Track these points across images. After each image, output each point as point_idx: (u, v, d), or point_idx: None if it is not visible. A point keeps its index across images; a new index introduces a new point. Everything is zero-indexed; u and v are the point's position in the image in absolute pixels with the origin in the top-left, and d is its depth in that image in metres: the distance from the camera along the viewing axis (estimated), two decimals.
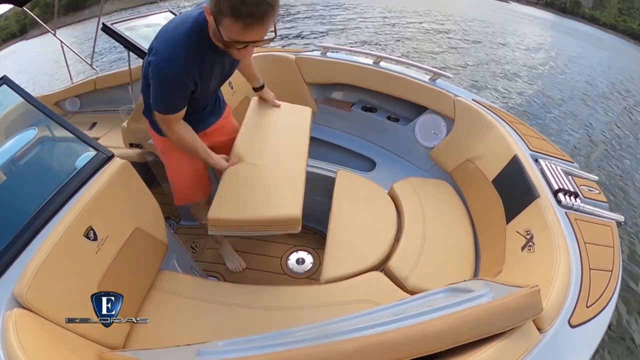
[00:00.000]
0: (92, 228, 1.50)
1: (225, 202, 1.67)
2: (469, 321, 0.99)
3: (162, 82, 1.48)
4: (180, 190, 2.09)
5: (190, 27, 1.46)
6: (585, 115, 7.86)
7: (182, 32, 1.46)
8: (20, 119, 2.15)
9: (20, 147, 2.06)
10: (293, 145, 2.00)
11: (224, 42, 1.37)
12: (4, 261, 1.32)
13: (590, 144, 6.57)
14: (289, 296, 1.74)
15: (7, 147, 2.10)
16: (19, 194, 1.65)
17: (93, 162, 1.63)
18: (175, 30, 1.48)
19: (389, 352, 0.95)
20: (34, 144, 2.00)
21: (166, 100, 1.55)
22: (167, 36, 1.48)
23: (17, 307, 1.23)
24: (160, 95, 1.52)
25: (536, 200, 1.64)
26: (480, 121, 2.26)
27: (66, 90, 4.15)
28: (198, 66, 1.51)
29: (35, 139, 2.01)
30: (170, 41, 1.46)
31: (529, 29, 19.20)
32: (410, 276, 1.79)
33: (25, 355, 1.07)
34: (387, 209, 2.19)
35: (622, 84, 11.44)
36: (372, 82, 2.84)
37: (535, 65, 11.51)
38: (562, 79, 10.71)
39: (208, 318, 1.68)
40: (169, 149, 1.92)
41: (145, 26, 2.85)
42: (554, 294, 1.20)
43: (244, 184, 1.76)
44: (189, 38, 1.46)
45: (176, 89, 1.52)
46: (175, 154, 1.92)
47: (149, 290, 1.79)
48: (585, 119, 7.67)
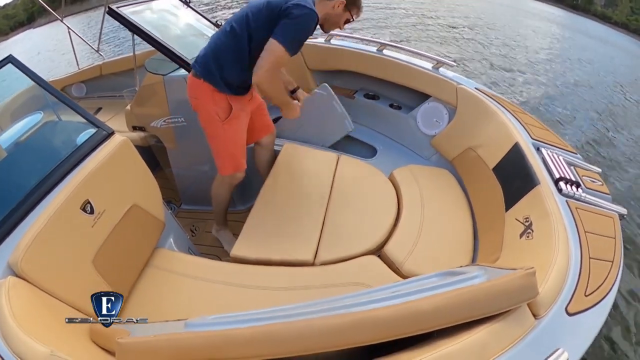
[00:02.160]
0: (89, 201, 1.52)
1: (246, 242, 1.91)
2: (462, 300, 0.97)
3: (304, 23, 1.78)
4: (235, 157, 2.15)
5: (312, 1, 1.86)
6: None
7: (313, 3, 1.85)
8: (26, 104, 2.18)
9: (25, 131, 2.09)
10: (316, 194, 2.19)
11: (345, 21, 2.02)
12: (1, 232, 1.35)
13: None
14: (282, 277, 1.75)
15: (12, 130, 2.13)
16: (20, 170, 1.68)
17: (93, 139, 1.66)
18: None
19: (378, 329, 0.94)
20: (40, 126, 2.04)
21: (296, 40, 1.82)
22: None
23: (12, 276, 1.25)
24: (297, 33, 1.80)
25: (536, 187, 1.63)
26: (483, 109, 2.24)
27: (72, 75, 4.21)
28: (311, 33, 1.89)
29: (41, 123, 2.06)
30: (310, 5, 1.79)
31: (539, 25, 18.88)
32: (406, 261, 1.78)
33: (15, 322, 1.09)
34: (386, 195, 2.19)
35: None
36: (375, 70, 2.83)
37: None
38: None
39: (201, 296, 1.70)
40: (230, 117, 2.03)
41: (150, 11, 2.84)
42: (551, 280, 1.17)
43: (265, 228, 1.99)
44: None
45: (306, 35, 1.85)
46: (234, 121, 2.05)
47: (144, 266, 1.81)
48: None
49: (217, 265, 1.86)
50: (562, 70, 10.74)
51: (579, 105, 7.95)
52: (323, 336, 0.94)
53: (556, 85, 9.10)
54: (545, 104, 7.61)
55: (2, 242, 1.34)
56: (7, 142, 2.06)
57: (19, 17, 37.26)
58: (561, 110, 7.40)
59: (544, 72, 10.12)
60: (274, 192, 2.18)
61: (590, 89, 9.31)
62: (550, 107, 7.43)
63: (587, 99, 8.45)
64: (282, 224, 2.00)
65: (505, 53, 11.26)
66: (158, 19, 2.74)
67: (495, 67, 9.59)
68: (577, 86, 9.30)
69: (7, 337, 1.07)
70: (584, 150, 5.69)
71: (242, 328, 1.01)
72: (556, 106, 7.54)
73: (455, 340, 0.93)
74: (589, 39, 18.27)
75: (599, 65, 12.35)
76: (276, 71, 1.84)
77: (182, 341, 1.02)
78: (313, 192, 2.19)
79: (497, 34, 13.88)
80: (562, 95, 8.37)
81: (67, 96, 1.81)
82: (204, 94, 1.95)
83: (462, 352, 0.91)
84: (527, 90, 8.27)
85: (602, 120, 7.28)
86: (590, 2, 38.60)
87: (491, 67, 9.63)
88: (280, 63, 1.82)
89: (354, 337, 0.93)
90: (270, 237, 1.93)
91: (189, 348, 0.99)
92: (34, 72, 1.71)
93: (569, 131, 6.43)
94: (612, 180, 4.88)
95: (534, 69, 10.19)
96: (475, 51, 10.87)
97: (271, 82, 1.83)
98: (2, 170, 1.70)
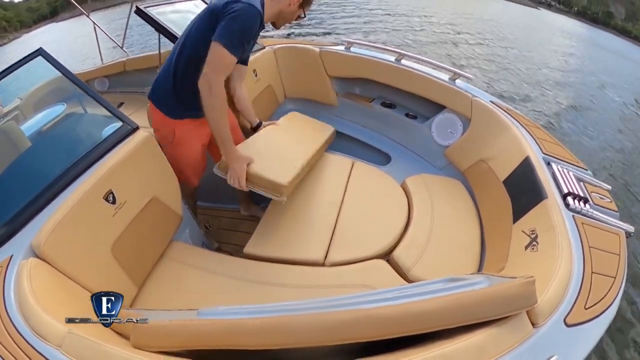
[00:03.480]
0: (112, 192, 1.58)
1: (260, 240, 1.97)
2: (462, 303, 1.01)
3: (242, 20, 1.65)
4: (182, 174, 2.10)
5: (260, 2, 1.75)
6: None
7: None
8: (52, 94, 2.25)
9: (49, 121, 2.16)
10: (329, 197, 2.24)
11: (297, 18, 1.94)
12: (26, 215, 1.41)
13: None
14: (293, 275, 1.80)
15: (37, 119, 2.19)
16: (46, 159, 1.74)
17: (118, 133, 1.71)
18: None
19: (383, 326, 0.98)
20: (63, 117, 2.09)
21: (236, 38, 1.66)
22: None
23: (33, 257, 1.31)
24: (235, 31, 1.65)
25: (544, 201, 1.65)
26: (496, 122, 2.27)
27: (96, 70, 4.27)
28: (255, 30, 1.78)
29: (64, 114, 2.10)
30: (251, 0, 1.68)
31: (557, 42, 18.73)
32: (413, 267, 1.82)
33: (36, 301, 1.14)
34: (398, 201, 2.23)
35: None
36: (393, 79, 2.86)
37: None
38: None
39: (214, 288, 1.75)
40: (175, 142, 1.98)
41: (174, 12, 2.93)
42: (551, 291, 1.19)
43: (279, 227, 2.04)
44: (261, 6, 1.74)
45: (247, 32, 1.72)
46: (182, 146, 2.01)
47: (160, 257, 1.86)
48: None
49: (230, 260, 1.90)
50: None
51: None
52: (331, 330, 0.98)
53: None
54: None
55: (26, 225, 1.39)
56: (30, 130, 2.11)
57: (43, 10, 37.93)
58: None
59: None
60: (293, 193, 2.22)
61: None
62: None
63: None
64: (296, 224, 2.06)
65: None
66: (182, 20, 2.82)
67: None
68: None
69: (27, 315, 1.12)
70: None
71: (254, 318, 1.06)
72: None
73: (454, 342, 0.97)
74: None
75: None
76: (218, 75, 1.66)
77: (196, 327, 1.07)
78: (327, 195, 2.24)
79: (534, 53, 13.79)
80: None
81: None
82: (156, 116, 1.98)
83: (460, 352, 0.95)
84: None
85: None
86: (611, 15, 38.12)
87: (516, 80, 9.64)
88: (222, 64, 1.66)
89: (360, 332, 0.98)
90: (283, 236, 1.99)
91: (202, 333, 1.04)
92: (63, 65, 1.77)
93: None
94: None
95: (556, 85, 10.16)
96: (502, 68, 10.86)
97: (210, 89, 1.64)
98: (28, 157, 1.77)
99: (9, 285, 1.21)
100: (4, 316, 1.13)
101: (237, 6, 1.63)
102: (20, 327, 1.10)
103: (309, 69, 3.03)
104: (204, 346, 1.03)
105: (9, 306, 1.15)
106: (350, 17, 15.58)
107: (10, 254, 1.32)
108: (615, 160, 6.28)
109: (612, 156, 6.40)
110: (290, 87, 3.18)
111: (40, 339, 1.07)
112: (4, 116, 2.22)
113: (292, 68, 2.11)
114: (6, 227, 1.39)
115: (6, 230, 1.38)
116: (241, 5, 1.63)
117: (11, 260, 1.29)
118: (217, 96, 1.66)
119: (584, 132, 7.28)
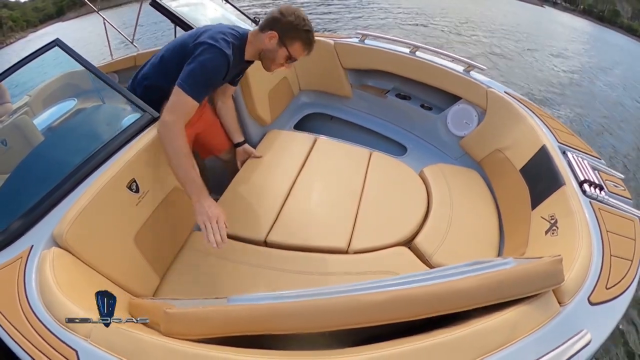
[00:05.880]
0: (135, 180, 1.57)
1: (282, 228, 1.99)
2: (492, 282, 1.03)
3: (207, 66, 1.63)
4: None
5: (239, 36, 1.78)
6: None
7: (234, 34, 1.76)
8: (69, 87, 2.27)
9: (64, 113, 2.17)
10: (349, 186, 2.26)
11: (285, 58, 1.80)
12: (47, 204, 1.39)
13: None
14: (316, 262, 1.81)
15: (51, 112, 2.22)
16: (64, 150, 1.73)
17: (139, 122, 1.70)
18: (226, 30, 1.75)
19: (413, 306, 0.99)
20: (80, 109, 2.12)
21: (199, 84, 1.63)
22: (220, 31, 1.72)
23: (55, 247, 1.29)
24: (198, 76, 1.62)
25: (562, 188, 1.67)
26: (511, 113, 2.28)
27: (106, 65, 4.23)
28: (230, 67, 1.73)
29: (75, 108, 2.14)
30: (222, 36, 1.69)
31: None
32: (435, 254, 1.84)
33: (61, 291, 1.13)
34: (417, 190, 2.25)
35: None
36: (408, 70, 2.87)
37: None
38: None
39: (237, 277, 1.76)
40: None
41: (191, 4, 2.95)
42: (575, 271, 1.22)
43: (300, 215, 2.07)
44: (236, 40, 1.75)
45: (212, 77, 1.69)
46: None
47: (181, 248, 1.88)
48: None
49: (253, 249, 1.90)
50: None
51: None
52: (365, 310, 0.99)
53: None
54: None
55: (46, 215, 1.38)
56: (45, 123, 2.16)
57: (49, 10, 38.07)
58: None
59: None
60: (310, 182, 2.27)
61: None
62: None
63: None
64: (317, 212, 2.09)
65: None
66: (197, 13, 2.85)
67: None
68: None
69: (52, 306, 1.10)
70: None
71: (288, 302, 1.05)
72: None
73: (486, 319, 0.99)
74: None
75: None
76: (179, 120, 1.58)
77: (229, 312, 1.05)
78: (346, 184, 2.26)
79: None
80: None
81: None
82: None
83: (494, 330, 0.97)
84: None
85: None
86: (617, 14, 37.95)
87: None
88: (183, 111, 1.61)
89: (393, 313, 0.99)
90: (305, 224, 2.01)
91: (236, 318, 1.03)
92: (80, 55, 1.74)
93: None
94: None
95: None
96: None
97: (168, 134, 1.57)
98: (46, 148, 1.76)
99: (30, 276, 1.20)
100: (25, 307, 1.11)
101: (203, 48, 1.63)
102: (44, 318, 1.08)
103: (323, 61, 3.03)
104: (238, 332, 1.02)
105: (31, 297, 1.14)
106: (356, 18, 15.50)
107: (30, 244, 1.30)
108: (629, 155, 6.30)
109: (625, 152, 6.40)
110: (305, 79, 3.20)
111: (67, 330, 1.05)
112: (15, 111, 2.24)
113: (307, 60, 2.10)
114: (25, 218, 1.37)
115: (25, 221, 1.36)
116: (208, 48, 1.63)
117: (32, 250, 1.28)
118: (178, 138, 1.57)
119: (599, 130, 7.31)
